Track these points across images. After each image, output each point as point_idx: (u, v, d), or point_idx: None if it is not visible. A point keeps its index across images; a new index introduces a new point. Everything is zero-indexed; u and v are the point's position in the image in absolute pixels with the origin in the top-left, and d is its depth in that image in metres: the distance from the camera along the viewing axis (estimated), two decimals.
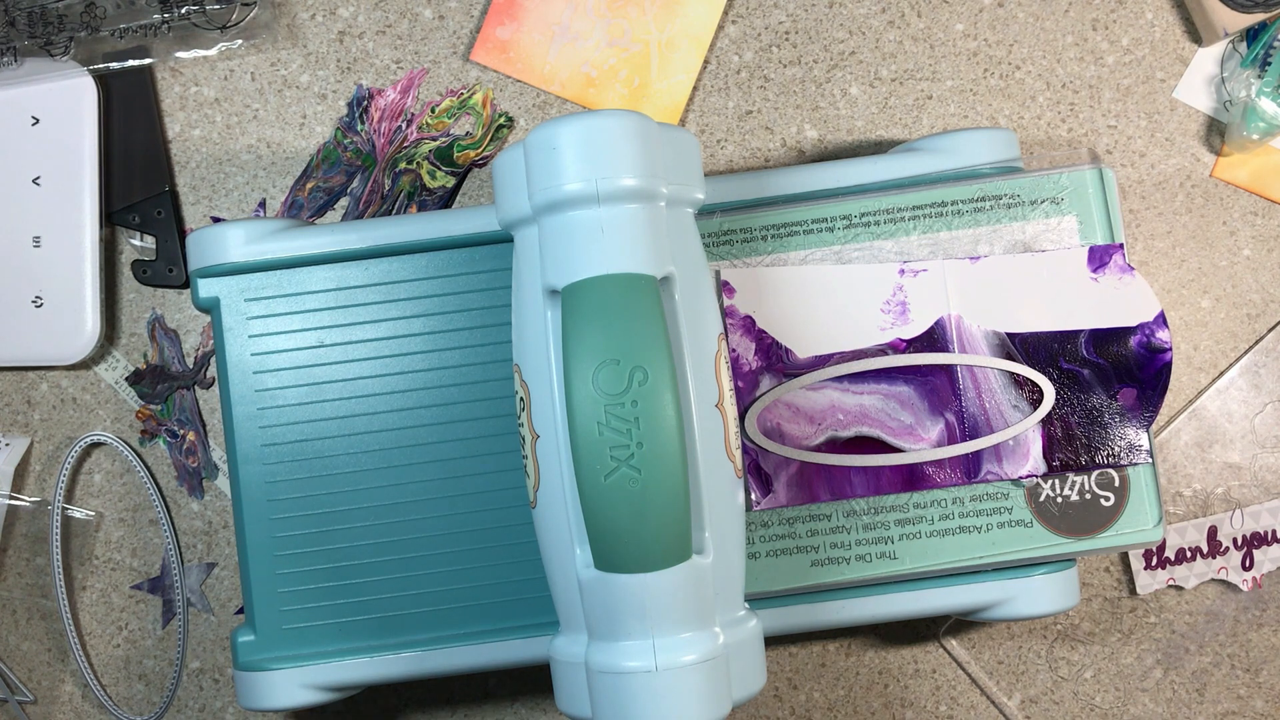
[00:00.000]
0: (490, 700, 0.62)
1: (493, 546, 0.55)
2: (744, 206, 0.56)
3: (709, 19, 0.63)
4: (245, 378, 0.55)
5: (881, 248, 0.55)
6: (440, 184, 0.63)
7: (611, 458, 0.43)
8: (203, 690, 0.62)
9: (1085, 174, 0.55)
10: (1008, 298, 0.55)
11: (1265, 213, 0.63)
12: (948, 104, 0.63)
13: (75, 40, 0.62)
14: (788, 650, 0.63)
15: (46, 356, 0.62)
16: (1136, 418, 0.54)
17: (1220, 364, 0.63)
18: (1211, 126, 0.64)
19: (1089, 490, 0.55)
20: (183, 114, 0.63)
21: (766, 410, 0.54)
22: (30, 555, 0.63)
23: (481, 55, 0.63)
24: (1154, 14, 0.64)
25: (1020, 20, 0.64)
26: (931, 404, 0.54)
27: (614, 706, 0.45)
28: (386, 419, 0.55)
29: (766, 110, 0.63)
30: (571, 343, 0.44)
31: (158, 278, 0.63)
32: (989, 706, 0.62)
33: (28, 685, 0.62)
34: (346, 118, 0.63)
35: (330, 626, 0.54)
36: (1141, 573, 0.62)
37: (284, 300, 0.55)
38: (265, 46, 0.63)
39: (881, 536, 0.54)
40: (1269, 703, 0.62)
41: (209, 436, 0.63)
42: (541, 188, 0.46)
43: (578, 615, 0.47)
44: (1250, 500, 0.62)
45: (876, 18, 0.64)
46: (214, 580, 0.62)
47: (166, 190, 0.63)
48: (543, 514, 0.48)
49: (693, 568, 0.45)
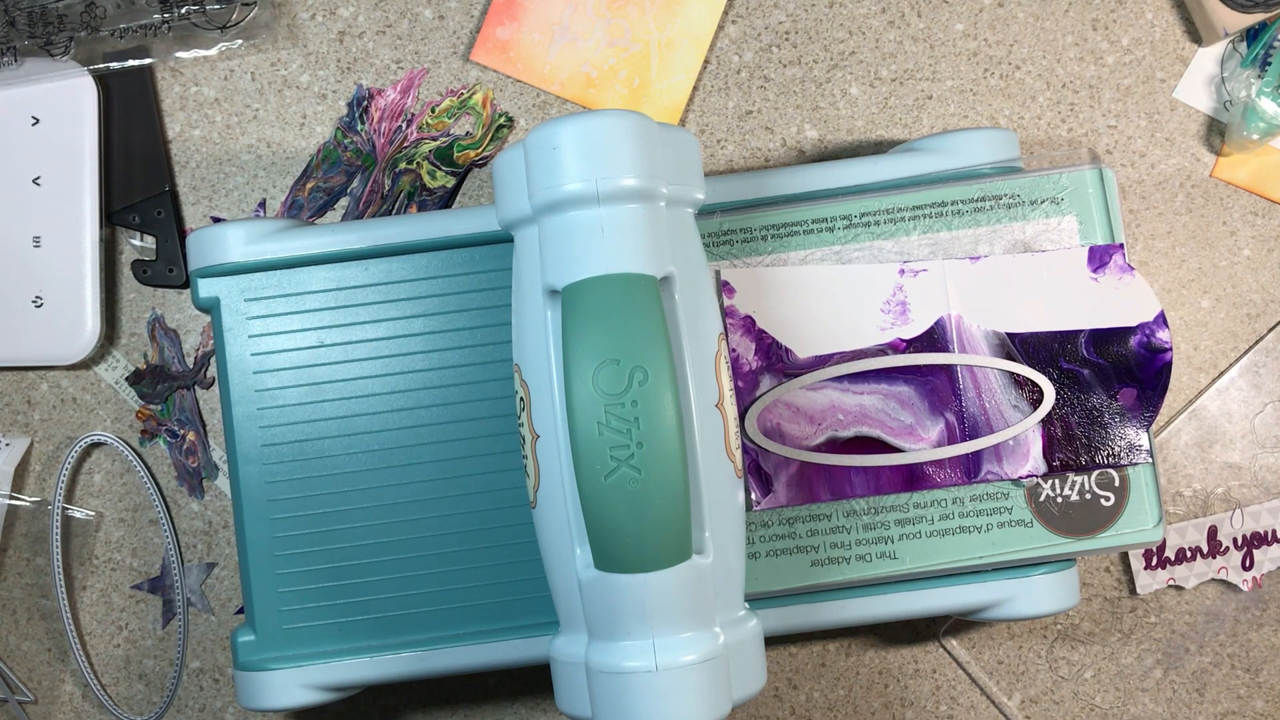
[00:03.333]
0: (490, 700, 0.62)
1: (493, 546, 0.55)
2: (744, 206, 0.56)
3: (709, 19, 0.63)
4: (245, 378, 0.55)
5: (881, 248, 0.55)
6: (440, 184, 0.63)
7: (611, 458, 0.43)
8: (203, 690, 0.62)
9: (1085, 174, 0.55)
10: (1008, 298, 0.55)
11: (1265, 213, 0.63)
12: (948, 104, 0.63)
13: (75, 40, 0.62)
14: (788, 650, 0.63)
15: (46, 356, 0.62)
16: (1136, 418, 0.54)
17: (1220, 364, 0.63)
18: (1211, 126, 0.64)
19: (1089, 490, 0.55)
20: (183, 114, 0.63)
21: (766, 410, 0.54)
22: (30, 555, 0.63)
23: (481, 55, 0.63)
24: (1154, 14, 0.64)
25: (1020, 20, 0.64)
26: (931, 404, 0.54)
27: (614, 706, 0.45)
28: (386, 419, 0.55)
29: (766, 110, 0.63)
30: (571, 343, 0.44)
31: (158, 278, 0.63)
32: (989, 706, 0.62)
33: (28, 685, 0.62)
34: (346, 118, 0.63)
35: (330, 626, 0.54)
36: (1141, 572, 0.62)
37: (284, 300, 0.55)
38: (265, 46, 0.63)
39: (881, 536, 0.54)
40: (1269, 703, 0.62)
41: (209, 436, 0.63)
42: (542, 188, 0.46)
43: (578, 615, 0.47)
44: (1250, 500, 0.62)
45: (876, 18, 0.64)
46: (214, 580, 0.62)
47: (166, 190, 0.63)
48: (543, 514, 0.48)
49: (693, 568, 0.45)
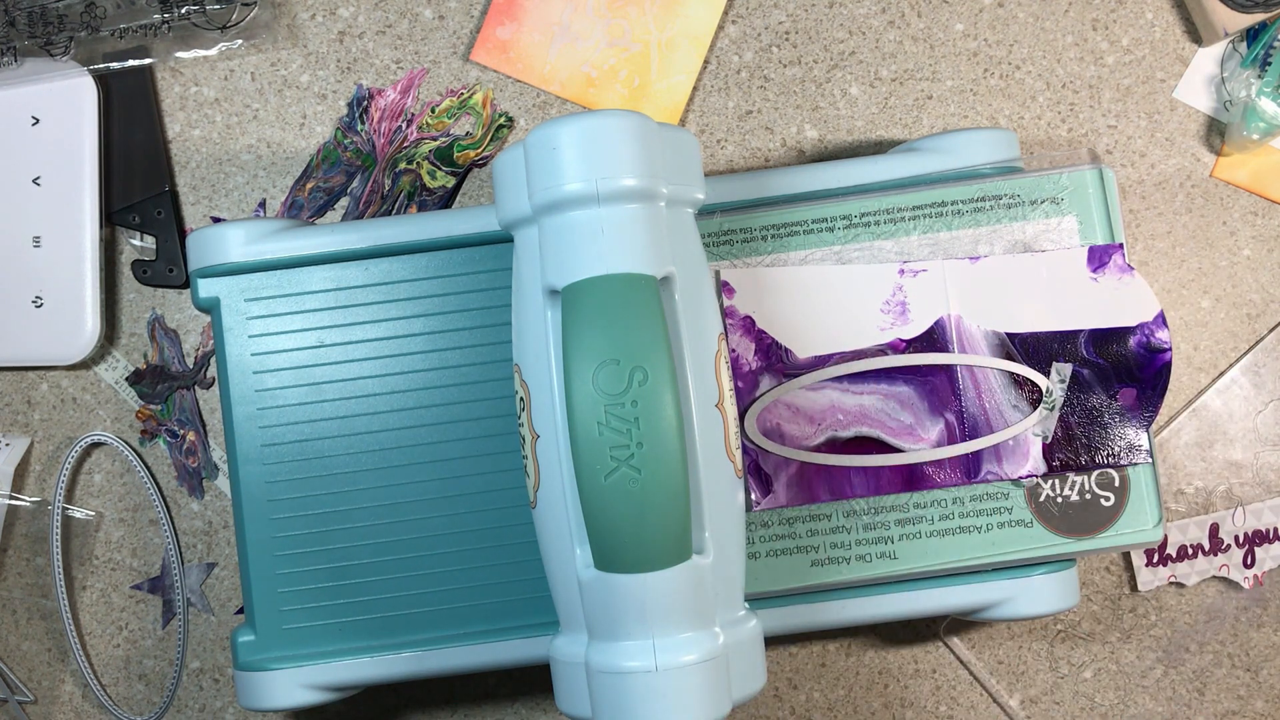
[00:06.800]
0: (490, 700, 0.62)
1: (493, 546, 0.55)
2: (744, 206, 0.56)
3: (709, 19, 0.63)
4: (245, 378, 0.55)
5: (881, 248, 0.55)
6: (440, 184, 0.63)
7: (611, 458, 0.43)
8: (203, 690, 0.62)
9: (1085, 174, 0.55)
10: (1008, 298, 0.55)
11: (1265, 213, 0.63)
12: (948, 104, 0.63)
13: (75, 40, 0.62)
14: (788, 650, 0.63)
15: (46, 356, 0.62)
16: (1136, 418, 0.54)
17: (1220, 364, 0.63)
18: (1211, 126, 0.64)
19: (1089, 490, 0.55)
20: (183, 114, 0.63)
21: (766, 410, 0.54)
22: (30, 555, 0.63)
23: (481, 55, 0.63)
24: (1154, 14, 0.64)
25: (1020, 20, 0.64)
26: (931, 404, 0.54)
27: (614, 706, 0.45)
28: (386, 419, 0.55)
29: (766, 110, 0.63)
30: (571, 343, 0.44)
31: (158, 278, 0.63)
32: (989, 706, 0.62)
33: (28, 685, 0.62)
34: (346, 118, 0.63)
35: (330, 626, 0.54)
36: (1143, 569, 0.62)
37: (284, 300, 0.55)
38: (265, 46, 0.63)
39: (881, 536, 0.54)
40: (1269, 702, 0.62)
41: (209, 436, 0.63)
42: (542, 188, 0.46)
43: (578, 615, 0.47)
44: (1252, 498, 0.62)
45: (876, 18, 0.64)
46: (214, 580, 0.62)
47: (166, 190, 0.63)
48: (543, 514, 0.48)
49: (693, 568, 0.45)
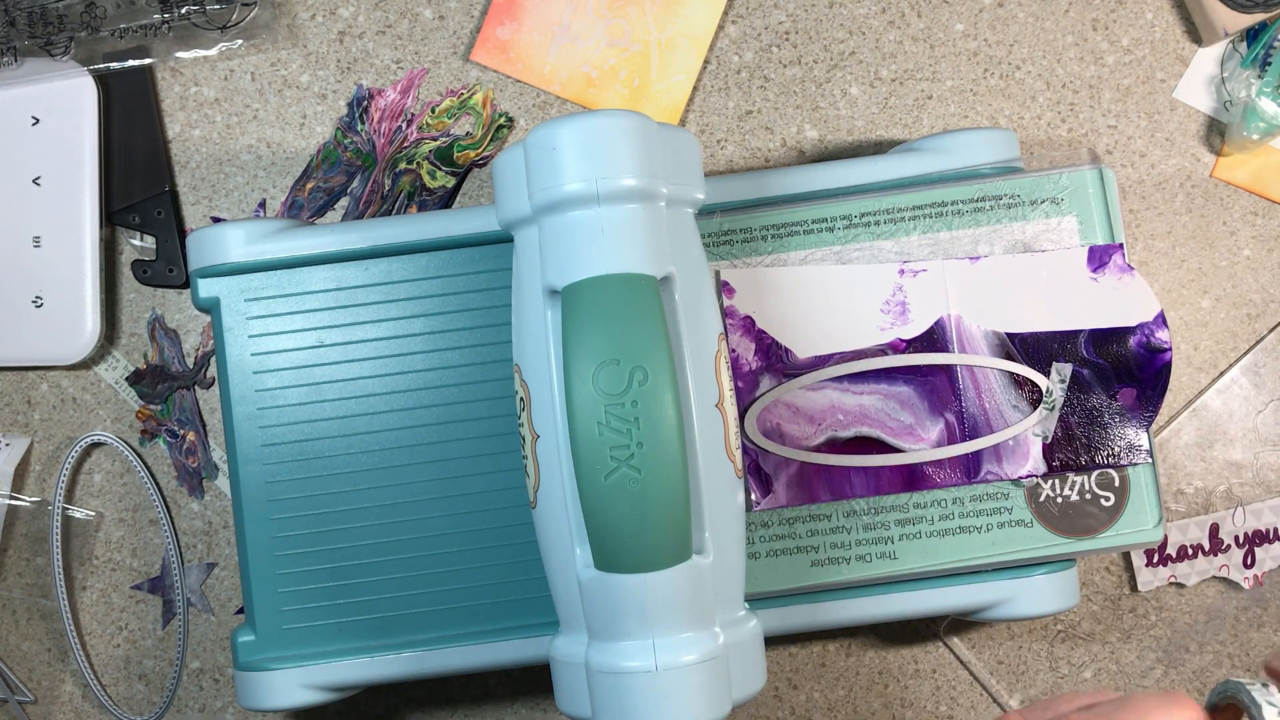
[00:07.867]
0: (490, 700, 0.62)
1: (493, 546, 0.55)
2: (744, 206, 0.56)
3: (709, 19, 0.63)
4: (245, 378, 0.55)
5: (881, 248, 0.55)
6: (440, 184, 0.63)
7: (611, 458, 0.43)
8: (203, 690, 0.62)
9: (1085, 174, 0.55)
10: (1008, 298, 0.55)
11: (1265, 213, 0.63)
12: (948, 104, 0.63)
13: (75, 40, 0.62)
14: (788, 650, 0.63)
15: (46, 356, 0.62)
16: (1136, 418, 0.54)
17: (1220, 364, 0.63)
18: (1211, 126, 0.64)
19: (1089, 490, 0.55)
20: (183, 114, 0.63)
21: (766, 410, 0.54)
22: (30, 555, 0.63)
23: (481, 55, 0.63)
24: (1154, 14, 0.64)
25: (1020, 20, 0.64)
26: (931, 404, 0.54)
27: (614, 706, 0.45)
28: (386, 419, 0.55)
29: (766, 110, 0.63)
30: (571, 343, 0.44)
31: (158, 278, 0.63)
32: (989, 706, 0.62)
33: (28, 685, 0.62)
34: (346, 118, 0.63)
35: (330, 626, 0.54)
36: (1143, 569, 0.62)
37: (284, 300, 0.55)
38: (265, 46, 0.63)
39: (881, 536, 0.54)
40: None
41: (209, 436, 0.63)
42: (542, 188, 0.46)
43: (578, 615, 0.47)
44: (1252, 498, 0.62)
45: (876, 18, 0.64)
46: (214, 580, 0.62)
47: (166, 190, 0.63)
48: (543, 514, 0.48)
49: (693, 568, 0.45)
